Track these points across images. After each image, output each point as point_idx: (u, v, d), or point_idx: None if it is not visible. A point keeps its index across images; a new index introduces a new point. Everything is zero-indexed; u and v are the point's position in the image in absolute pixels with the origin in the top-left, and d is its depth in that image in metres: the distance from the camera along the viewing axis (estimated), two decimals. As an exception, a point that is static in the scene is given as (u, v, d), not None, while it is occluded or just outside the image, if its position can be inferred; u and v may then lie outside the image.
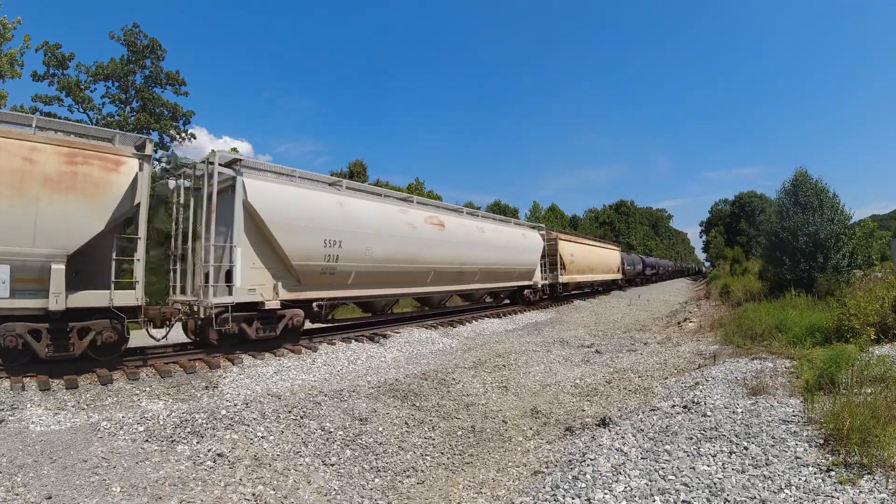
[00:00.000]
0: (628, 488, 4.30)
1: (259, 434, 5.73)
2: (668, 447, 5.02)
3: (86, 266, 7.82)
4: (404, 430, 6.55)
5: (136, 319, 8.12)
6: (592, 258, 30.64)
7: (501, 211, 47.32)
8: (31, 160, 6.99)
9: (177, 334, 15.01)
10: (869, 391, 5.28)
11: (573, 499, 4.33)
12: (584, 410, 7.64)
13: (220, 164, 9.64)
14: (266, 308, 9.87)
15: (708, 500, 3.88)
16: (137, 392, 7.18)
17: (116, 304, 7.75)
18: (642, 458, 4.91)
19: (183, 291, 10.10)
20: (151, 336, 9.03)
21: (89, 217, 7.35)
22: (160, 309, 8.85)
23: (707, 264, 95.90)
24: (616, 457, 5.08)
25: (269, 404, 6.63)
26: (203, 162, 9.85)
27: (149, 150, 8.22)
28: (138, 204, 7.93)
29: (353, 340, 11.50)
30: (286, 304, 10.39)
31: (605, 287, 35.01)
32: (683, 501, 3.93)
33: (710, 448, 4.81)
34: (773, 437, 4.77)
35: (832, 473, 3.89)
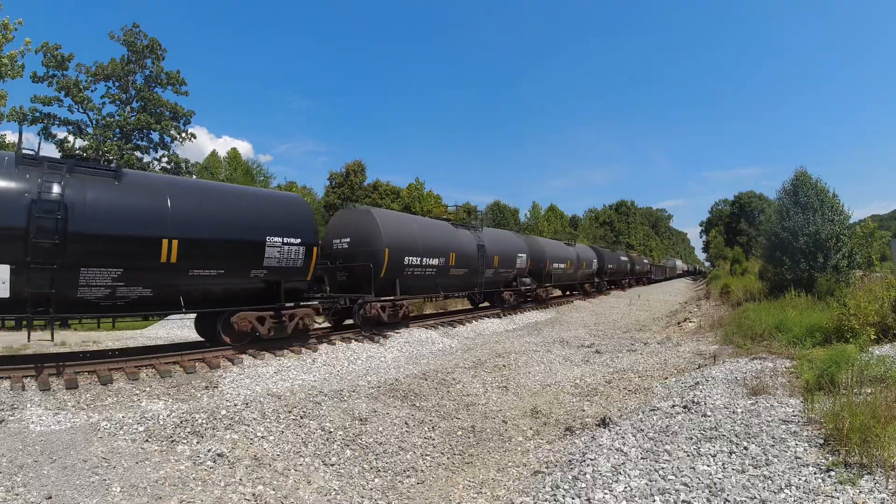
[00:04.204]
0: (628, 488, 4.30)
1: (259, 434, 5.73)
2: (668, 447, 5.02)
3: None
4: (404, 430, 6.55)
5: None
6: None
7: (501, 211, 47.17)
8: None
9: (178, 335, 15.02)
10: (869, 391, 5.28)
11: (573, 499, 4.34)
12: (584, 410, 7.64)
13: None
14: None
15: (708, 500, 3.88)
16: (137, 392, 7.18)
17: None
18: (642, 458, 4.91)
19: None
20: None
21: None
22: None
23: (707, 264, 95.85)
24: (616, 457, 5.08)
25: (269, 404, 6.63)
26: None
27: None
28: None
29: (353, 340, 11.50)
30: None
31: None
32: (683, 501, 3.93)
33: (710, 448, 4.81)
34: (773, 437, 4.77)
35: (832, 473, 3.89)
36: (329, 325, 13.46)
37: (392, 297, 13.22)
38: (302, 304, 11.05)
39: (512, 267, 19.69)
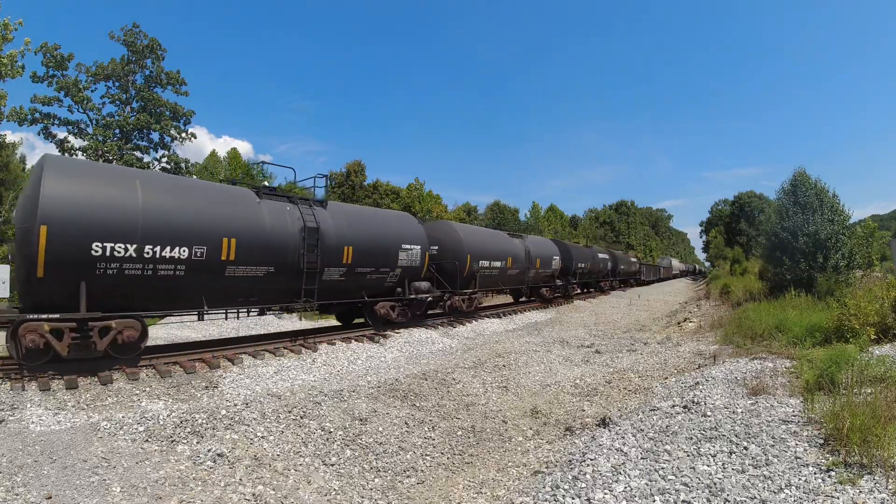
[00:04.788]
0: (628, 488, 4.30)
1: (259, 434, 5.74)
2: (668, 447, 5.02)
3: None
4: (404, 430, 6.55)
5: None
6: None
7: (501, 211, 47.20)
8: None
9: (178, 334, 15.02)
10: (869, 391, 5.28)
11: (573, 499, 4.34)
12: (584, 410, 7.64)
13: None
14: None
15: (708, 500, 3.88)
16: (137, 392, 7.17)
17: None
18: (642, 458, 4.90)
19: None
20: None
21: None
22: None
23: (707, 264, 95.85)
24: (616, 457, 5.08)
25: (269, 404, 6.63)
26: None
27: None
28: None
29: (353, 340, 11.50)
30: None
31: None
32: (683, 501, 3.93)
33: (710, 448, 4.81)
34: (772, 437, 4.77)
35: (832, 473, 3.89)
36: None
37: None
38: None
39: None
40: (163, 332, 15.98)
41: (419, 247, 13.56)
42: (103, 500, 4.14)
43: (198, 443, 5.38)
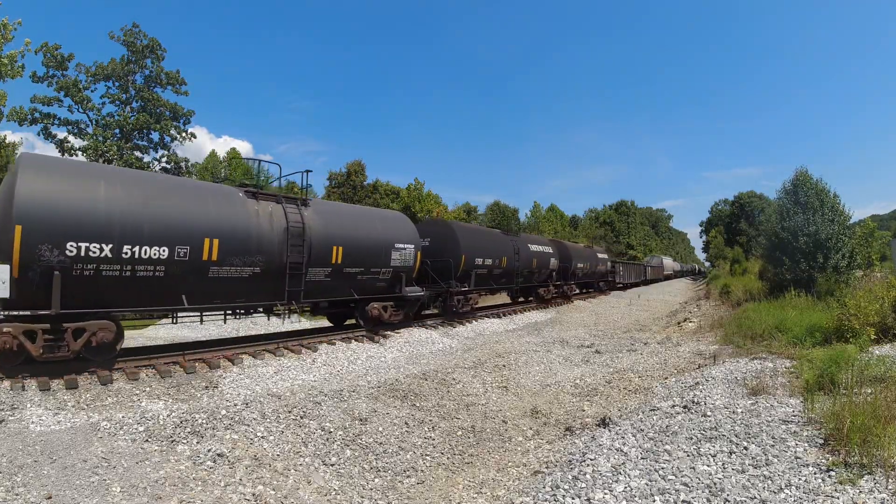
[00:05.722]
0: (628, 488, 4.30)
1: (259, 434, 5.73)
2: (668, 447, 5.02)
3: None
4: (404, 430, 6.55)
5: None
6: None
7: (501, 211, 47.23)
8: None
9: (178, 334, 15.01)
10: (869, 391, 5.28)
11: (573, 499, 4.33)
12: (584, 410, 7.64)
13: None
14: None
15: (708, 500, 3.88)
16: (137, 392, 7.17)
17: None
18: (642, 458, 4.90)
19: None
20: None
21: None
22: None
23: (707, 264, 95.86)
24: (616, 457, 5.08)
25: (269, 404, 6.63)
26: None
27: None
28: None
29: (352, 340, 11.50)
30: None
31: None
32: (683, 501, 3.93)
33: (710, 448, 4.81)
34: (773, 437, 4.77)
35: (832, 473, 3.89)
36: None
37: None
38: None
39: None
40: (163, 331, 15.99)
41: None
42: (103, 500, 4.14)
43: (198, 443, 5.38)
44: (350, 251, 11.46)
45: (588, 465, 4.96)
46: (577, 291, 29.57)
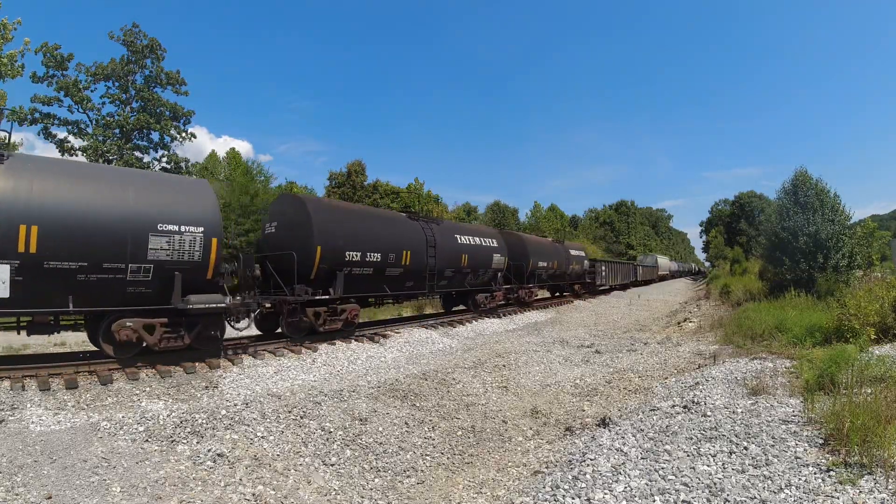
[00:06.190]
0: (628, 488, 4.30)
1: (259, 434, 5.74)
2: (668, 447, 5.02)
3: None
4: (404, 430, 6.55)
5: None
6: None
7: (501, 211, 47.33)
8: None
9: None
10: (869, 391, 5.28)
11: (573, 499, 4.33)
12: (584, 410, 7.64)
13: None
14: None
15: (708, 500, 3.88)
16: (137, 392, 7.17)
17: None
18: (642, 458, 4.90)
19: None
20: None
21: None
22: None
23: (707, 264, 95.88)
24: (616, 457, 5.08)
25: (269, 404, 6.63)
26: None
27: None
28: None
29: (353, 340, 11.50)
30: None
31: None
32: (683, 501, 3.93)
33: (710, 448, 4.81)
34: (773, 437, 4.77)
35: (832, 473, 3.89)
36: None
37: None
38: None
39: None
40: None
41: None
42: (103, 500, 4.14)
43: (198, 443, 5.38)
44: (54, 232, 6.92)
45: (588, 465, 4.96)
46: (539, 297, 23.87)
